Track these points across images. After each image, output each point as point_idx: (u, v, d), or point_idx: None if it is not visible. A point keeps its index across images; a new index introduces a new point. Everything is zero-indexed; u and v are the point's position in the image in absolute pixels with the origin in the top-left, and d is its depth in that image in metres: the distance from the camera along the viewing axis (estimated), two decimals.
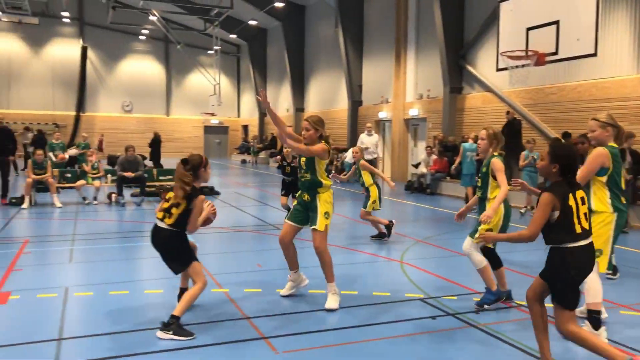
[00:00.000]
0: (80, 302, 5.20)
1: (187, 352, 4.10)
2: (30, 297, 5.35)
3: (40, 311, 4.99)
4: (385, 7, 21.05)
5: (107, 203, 12.52)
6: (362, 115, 22.91)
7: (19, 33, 32.22)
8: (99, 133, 32.64)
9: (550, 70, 12.61)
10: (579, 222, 3.46)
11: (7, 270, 6.33)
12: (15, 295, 5.34)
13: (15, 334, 4.38)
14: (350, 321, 4.81)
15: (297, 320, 4.86)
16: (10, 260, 6.83)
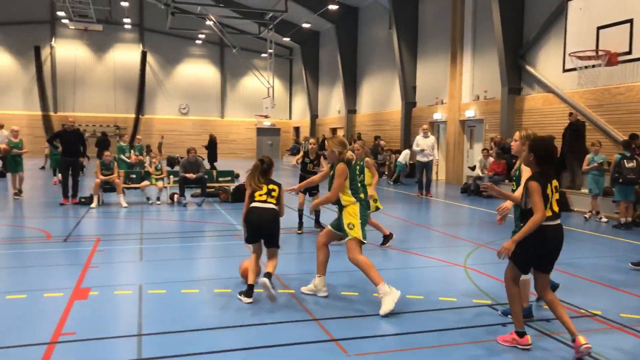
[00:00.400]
0: (155, 300, 5.41)
1: (260, 351, 4.20)
2: (108, 293, 5.62)
3: (118, 307, 5.24)
4: (441, 7, 20.78)
5: (169, 203, 12.95)
6: (415, 117, 22.69)
7: (84, 40, 33.78)
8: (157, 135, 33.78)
9: (617, 69, 12.10)
10: (551, 207, 4.13)
11: (84, 267, 6.66)
12: (94, 292, 5.62)
13: (98, 328, 4.62)
14: (420, 326, 4.80)
15: (366, 323, 4.89)
16: (86, 257, 7.19)
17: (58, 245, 8.10)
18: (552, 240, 4.18)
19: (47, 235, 8.73)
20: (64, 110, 34.40)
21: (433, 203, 14.42)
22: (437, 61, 21.21)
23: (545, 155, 4.17)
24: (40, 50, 33.91)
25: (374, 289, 5.87)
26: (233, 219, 10.82)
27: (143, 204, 12.81)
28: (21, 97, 34.00)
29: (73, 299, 5.32)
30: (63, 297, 5.38)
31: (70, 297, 5.39)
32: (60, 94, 34.67)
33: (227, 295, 5.59)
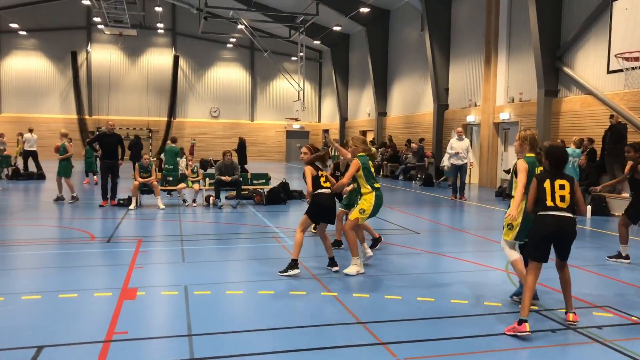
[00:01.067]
0: (201, 300, 5.49)
1: (308, 354, 4.21)
2: (155, 293, 5.73)
3: (166, 307, 5.34)
4: (475, 8, 20.56)
5: (205, 205, 13.11)
6: (448, 119, 22.47)
7: (118, 44, 34.53)
8: (188, 137, 34.26)
9: None
10: (553, 199, 4.76)
11: (129, 267, 6.80)
12: (141, 292, 5.73)
13: (149, 328, 4.71)
14: (468, 330, 4.75)
15: (412, 326, 4.86)
16: (130, 258, 7.34)
17: (102, 246, 8.29)
18: (550, 226, 4.75)
19: (91, 236, 8.94)
20: (98, 114, 35.21)
21: (467, 206, 14.25)
22: (471, 63, 20.98)
23: (556, 160, 4.91)
24: (76, 55, 34.79)
25: (418, 292, 5.85)
26: (268, 221, 10.89)
27: (179, 205, 13.00)
28: (58, 100, 34.92)
29: (122, 299, 5.43)
30: (112, 297, 5.50)
31: (119, 296, 5.51)
32: (95, 98, 35.49)
33: (271, 297, 5.63)
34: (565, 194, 4.80)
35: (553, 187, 4.80)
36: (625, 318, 5.14)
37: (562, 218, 4.76)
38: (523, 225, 5.28)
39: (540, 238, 4.82)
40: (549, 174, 4.89)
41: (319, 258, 7.66)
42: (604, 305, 5.49)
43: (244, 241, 9.26)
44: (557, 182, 4.82)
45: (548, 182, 4.82)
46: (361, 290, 5.96)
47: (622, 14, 9.40)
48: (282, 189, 14.22)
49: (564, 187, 4.81)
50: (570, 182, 4.86)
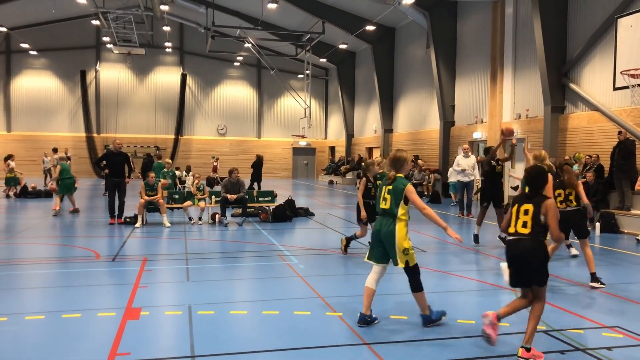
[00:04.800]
0: (205, 321, 5.44)
1: None
2: (158, 313, 5.69)
3: (170, 328, 5.30)
4: (480, 25, 20.66)
5: (210, 223, 13.11)
6: (454, 136, 22.45)
7: (127, 63, 34.95)
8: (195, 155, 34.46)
9: None
10: (515, 225, 4.70)
11: (134, 286, 6.78)
12: (145, 312, 5.69)
13: (152, 349, 4.67)
14: (475, 352, 4.67)
15: (417, 348, 4.79)
16: (135, 277, 7.32)
17: (107, 264, 8.28)
18: (508, 251, 4.77)
19: (96, 255, 8.94)
20: (106, 132, 35.51)
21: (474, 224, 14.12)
22: (477, 79, 21.02)
23: (532, 180, 4.82)
24: (85, 74, 35.23)
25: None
26: (274, 239, 10.85)
27: (185, 223, 13.00)
28: (67, 119, 35.28)
29: (126, 319, 5.40)
30: (116, 317, 5.47)
31: (123, 316, 5.48)
32: (104, 116, 35.83)
33: (275, 317, 5.58)
34: (528, 219, 4.63)
35: (518, 212, 4.71)
36: (634, 339, 5.04)
37: (516, 242, 4.65)
38: None
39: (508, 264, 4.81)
40: (518, 197, 4.85)
41: (324, 277, 7.61)
42: (614, 326, 5.39)
43: (249, 260, 9.22)
44: (524, 207, 4.68)
45: (516, 207, 4.76)
46: None
47: (627, 30, 9.40)
48: (288, 206, 14.20)
49: (527, 212, 4.64)
50: (535, 207, 4.61)
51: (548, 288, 4.85)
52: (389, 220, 5.21)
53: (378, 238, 5.29)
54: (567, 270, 8.28)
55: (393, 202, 5.17)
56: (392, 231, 5.15)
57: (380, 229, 5.26)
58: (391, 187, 5.21)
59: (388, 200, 5.20)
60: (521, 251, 4.60)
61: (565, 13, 16.25)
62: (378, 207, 5.35)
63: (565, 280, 7.52)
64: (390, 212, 5.20)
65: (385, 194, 5.24)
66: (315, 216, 14.84)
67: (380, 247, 5.28)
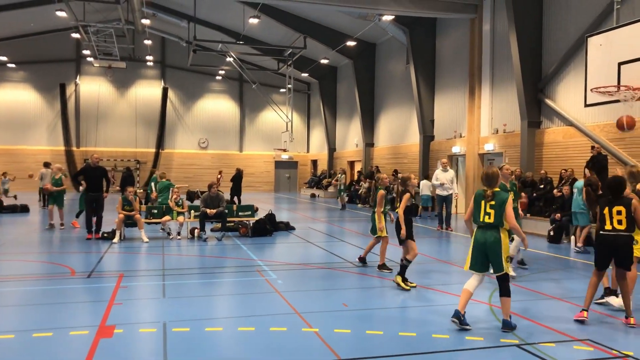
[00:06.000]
0: (179, 338, 5.40)
1: None
2: (132, 331, 5.63)
3: (144, 346, 5.24)
4: (458, 42, 21.02)
5: (189, 238, 13.01)
6: (434, 150, 22.70)
7: (107, 76, 34.73)
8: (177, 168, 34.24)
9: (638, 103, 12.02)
10: (482, 216, 5.79)
11: (109, 303, 6.70)
12: (119, 329, 5.63)
13: None
14: None
15: None
16: (110, 294, 7.23)
17: (82, 281, 8.16)
18: (604, 243, 6.06)
19: (72, 271, 8.82)
20: (86, 146, 35.12)
21: (453, 237, 14.28)
22: (455, 95, 21.33)
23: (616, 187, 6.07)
24: (65, 87, 34.88)
25: (400, 327, 5.80)
26: (253, 254, 10.82)
27: (164, 238, 12.89)
28: (45, 132, 34.83)
29: (99, 337, 5.33)
30: (88, 335, 5.40)
31: (96, 335, 5.41)
32: (83, 130, 35.46)
33: (251, 334, 5.56)
34: (622, 218, 5.94)
35: (611, 213, 6.00)
36: (605, 352, 5.12)
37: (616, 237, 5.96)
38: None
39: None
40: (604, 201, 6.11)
41: (302, 292, 7.60)
42: (585, 339, 5.48)
43: (227, 275, 9.17)
44: (615, 208, 5.99)
45: (607, 209, 6.03)
46: (342, 326, 5.90)
47: (597, 49, 9.66)
48: (268, 220, 14.18)
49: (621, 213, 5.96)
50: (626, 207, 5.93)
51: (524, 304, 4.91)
52: (493, 231, 5.75)
53: (483, 249, 5.78)
54: (542, 284, 8.39)
55: (498, 215, 5.73)
56: (499, 241, 5.71)
57: (485, 241, 5.76)
58: (494, 202, 5.75)
59: (492, 214, 5.74)
60: (619, 243, 5.93)
61: (540, 31, 16.65)
62: (478, 221, 5.85)
63: (540, 294, 7.62)
64: (495, 225, 5.75)
65: (487, 209, 5.77)
66: (296, 230, 14.83)
67: (484, 257, 5.80)
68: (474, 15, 19.35)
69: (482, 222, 5.80)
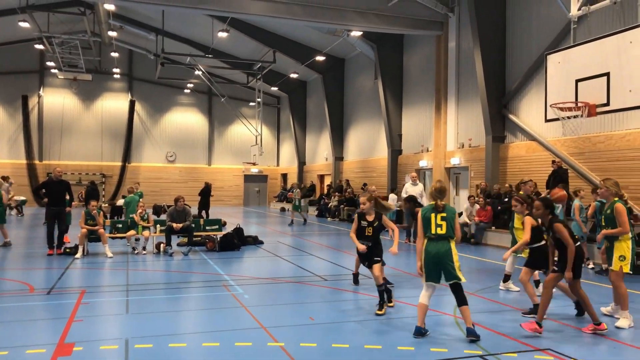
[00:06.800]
0: (142, 354, 5.28)
1: None
2: (93, 348, 5.48)
3: None
4: (425, 58, 21.43)
5: (155, 253, 12.79)
6: (402, 164, 22.97)
7: (73, 89, 34.09)
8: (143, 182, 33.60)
9: (597, 119, 12.40)
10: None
11: (68, 321, 6.51)
12: (78, 347, 5.47)
13: None
14: None
15: None
16: (70, 310, 7.03)
17: (41, 298, 7.92)
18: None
19: (30, 288, 8.54)
20: (49, 159, 34.28)
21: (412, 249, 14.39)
22: (422, 110, 21.69)
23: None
24: (27, 99, 34.06)
25: (366, 340, 5.80)
26: (220, 269, 10.69)
27: (129, 253, 12.64)
28: (6, 145, 33.87)
29: (56, 356, 5.17)
30: (46, 354, 5.23)
31: (54, 353, 5.24)
32: (46, 143, 34.63)
33: (215, 349, 5.48)
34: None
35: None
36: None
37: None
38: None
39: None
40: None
41: (269, 307, 7.54)
42: (545, 348, 5.59)
43: (193, 290, 9.03)
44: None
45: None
46: (309, 340, 5.87)
47: (556, 66, 9.99)
48: (236, 234, 14.06)
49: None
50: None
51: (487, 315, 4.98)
52: (445, 242, 5.89)
53: (436, 260, 5.89)
54: (506, 295, 8.53)
55: (449, 227, 5.90)
56: (450, 251, 5.87)
57: (438, 252, 5.88)
58: (445, 214, 5.94)
59: (443, 226, 5.89)
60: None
61: (504, 48, 17.13)
62: (429, 234, 5.97)
63: (504, 305, 7.74)
64: (447, 236, 5.90)
65: (439, 221, 5.94)
66: (264, 244, 14.74)
67: (437, 268, 5.92)
68: (440, 33, 19.79)
69: (434, 234, 5.95)
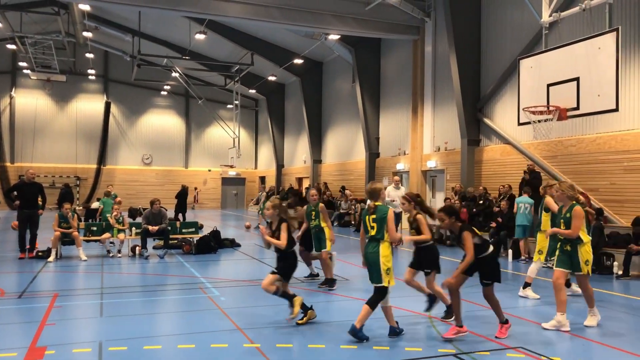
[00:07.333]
0: (116, 357, 5.23)
1: None
2: (65, 352, 5.40)
3: None
4: (402, 62, 21.64)
5: (130, 256, 12.64)
6: (379, 167, 23.14)
7: (46, 90, 33.48)
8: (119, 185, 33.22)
9: (569, 122, 12.70)
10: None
11: (41, 324, 6.40)
12: (50, 351, 5.39)
13: None
14: None
15: None
16: (42, 314, 6.92)
17: (12, 302, 7.77)
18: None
19: (1, 292, 8.37)
20: (21, 161, 33.58)
21: (397, 252, 14.51)
22: (399, 114, 21.89)
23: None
24: None
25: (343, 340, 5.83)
26: (196, 272, 10.63)
27: (104, 256, 12.47)
28: None
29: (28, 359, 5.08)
30: (17, 358, 5.15)
31: (25, 357, 5.16)
32: (18, 144, 33.93)
33: (191, 351, 5.45)
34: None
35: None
36: (535, 358, 5.34)
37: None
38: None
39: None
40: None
41: (245, 309, 7.53)
42: (517, 347, 5.70)
43: (169, 293, 8.96)
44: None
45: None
46: (285, 341, 5.88)
47: (528, 71, 10.22)
48: (212, 237, 13.98)
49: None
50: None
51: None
52: (375, 243, 5.82)
53: (368, 262, 5.88)
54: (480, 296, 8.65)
55: (379, 228, 5.78)
56: (377, 253, 5.77)
57: (367, 252, 5.89)
58: (375, 216, 5.84)
59: (375, 227, 5.80)
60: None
61: (479, 53, 17.41)
62: (367, 235, 5.93)
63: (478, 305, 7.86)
64: (377, 238, 5.81)
65: (371, 222, 5.86)
66: (241, 247, 14.68)
67: (371, 269, 5.87)
68: (416, 37, 20.02)
69: (369, 236, 5.93)
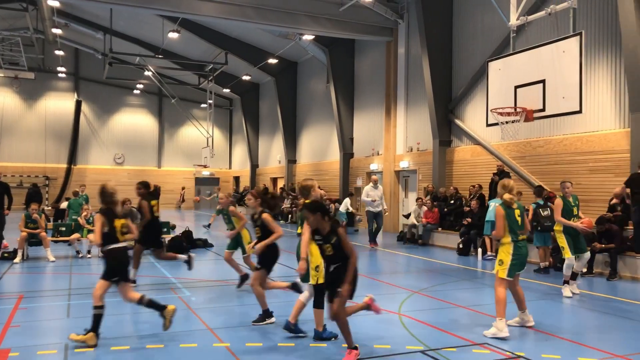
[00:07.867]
0: (83, 359, 5.16)
1: None
2: (30, 354, 5.32)
3: None
4: (375, 64, 21.81)
5: (100, 256, 12.43)
6: (353, 167, 23.26)
7: (13, 87, 32.70)
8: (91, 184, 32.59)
9: (536, 123, 13.05)
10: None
11: (5, 326, 6.28)
12: (14, 353, 5.30)
13: None
14: None
15: None
16: (7, 316, 6.78)
17: None
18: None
19: None
20: None
21: (371, 251, 14.64)
22: (373, 114, 22.05)
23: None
24: None
25: (312, 339, 5.87)
26: (167, 272, 10.54)
27: (72, 257, 12.27)
28: None
29: None
30: None
31: None
32: None
33: (159, 351, 5.42)
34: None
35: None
36: (500, 354, 5.48)
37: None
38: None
39: None
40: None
41: (215, 309, 7.51)
42: (483, 343, 5.83)
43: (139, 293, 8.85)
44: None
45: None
46: (255, 340, 5.90)
47: (496, 73, 10.42)
48: (185, 237, 13.88)
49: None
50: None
51: (432, 313, 5.11)
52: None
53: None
54: (449, 294, 8.80)
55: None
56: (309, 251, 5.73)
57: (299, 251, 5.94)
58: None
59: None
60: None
61: (450, 55, 17.66)
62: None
63: (447, 303, 8.00)
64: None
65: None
66: (214, 247, 14.61)
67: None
68: (390, 39, 20.19)
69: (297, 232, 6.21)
